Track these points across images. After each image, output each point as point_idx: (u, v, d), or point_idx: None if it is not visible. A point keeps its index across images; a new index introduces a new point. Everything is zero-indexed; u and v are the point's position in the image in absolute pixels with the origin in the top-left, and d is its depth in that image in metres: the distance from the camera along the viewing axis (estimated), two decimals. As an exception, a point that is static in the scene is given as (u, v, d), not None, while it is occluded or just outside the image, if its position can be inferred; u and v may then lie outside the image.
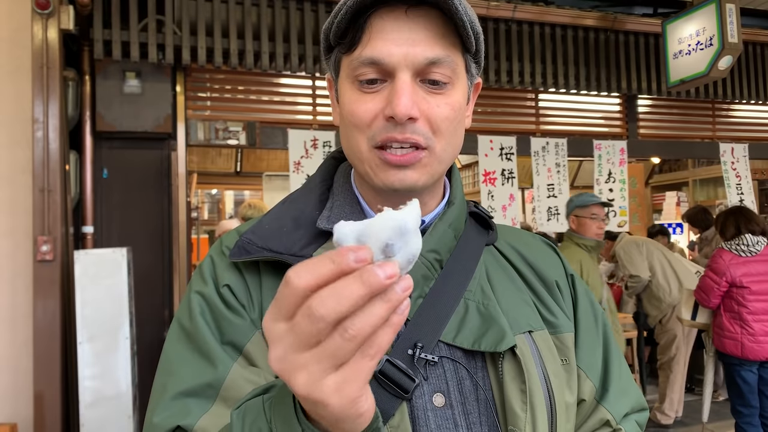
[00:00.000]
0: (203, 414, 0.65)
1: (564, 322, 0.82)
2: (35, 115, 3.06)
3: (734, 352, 3.37)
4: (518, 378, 0.71)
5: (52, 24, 3.10)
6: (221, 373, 0.67)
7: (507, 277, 0.82)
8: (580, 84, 4.54)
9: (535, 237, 0.93)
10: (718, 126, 5.38)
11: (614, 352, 0.86)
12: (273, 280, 0.73)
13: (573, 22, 4.45)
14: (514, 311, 0.77)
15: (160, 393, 0.69)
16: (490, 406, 0.70)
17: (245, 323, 0.71)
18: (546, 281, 0.84)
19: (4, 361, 3.14)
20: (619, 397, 0.83)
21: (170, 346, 0.73)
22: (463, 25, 0.68)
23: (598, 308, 0.89)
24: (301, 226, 0.76)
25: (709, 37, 3.88)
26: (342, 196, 0.80)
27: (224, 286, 0.73)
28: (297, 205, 0.80)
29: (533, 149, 4.53)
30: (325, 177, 0.84)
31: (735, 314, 3.39)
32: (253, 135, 3.91)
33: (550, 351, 0.77)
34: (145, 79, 3.61)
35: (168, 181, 3.73)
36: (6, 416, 3.10)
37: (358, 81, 0.70)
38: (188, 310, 0.73)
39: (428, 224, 0.77)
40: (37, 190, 3.04)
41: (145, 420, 0.70)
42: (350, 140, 0.73)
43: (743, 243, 3.39)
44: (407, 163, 0.70)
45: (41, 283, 3.03)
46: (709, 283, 3.47)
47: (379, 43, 0.68)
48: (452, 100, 0.72)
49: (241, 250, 0.74)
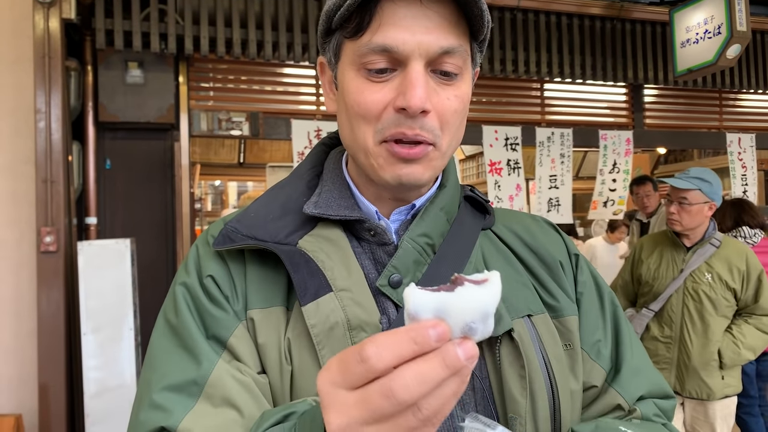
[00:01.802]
0: (187, 413, 0.64)
1: (566, 305, 0.78)
2: (37, 105, 3.04)
3: None
4: (516, 363, 0.69)
5: (54, 13, 3.07)
6: (205, 370, 0.66)
7: (505, 261, 0.79)
8: (585, 73, 4.50)
9: (535, 218, 0.89)
10: (725, 116, 5.34)
11: (625, 332, 0.82)
12: (258, 268, 0.71)
13: (579, 10, 4.41)
14: (512, 295, 0.74)
15: (145, 389, 0.67)
16: (487, 396, 0.69)
17: (228, 316, 0.69)
18: (547, 262, 0.81)
19: (9, 353, 3.15)
20: (631, 378, 0.78)
21: (156, 341, 0.71)
22: (480, 15, 0.66)
23: (606, 288, 0.85)
24: (288, 213, 0.75)
25: (718, 25, 3.83)
26: (331, 182, 0.77)
27: (207, 276, 0.71)
28: (285, 191, 0.78)
29: (538, 139, 4.49)
30: (315, 163, 0.82)
31: None
32: (257, 125, 3.89)
33: (551, 335, 0.75)
34: (148, 69, 3.59)
35: (171, 172, 3.72)
36: (11, 407, 3.10)
37: (366, 69, 0.67)
38: (173, 303, 0.71)
39: (419, 208, 0.76)
40: (40, 181, 3.03)
41: (131, 415, 0.68)
42: (355, 131, 0.70)
43: (740, 235, 3.39)
44: (416, 157, 0.68)
45: (45, 275, 3.03)
46: None
47: (391, 29, 0.65)
48: (461, 92, 0.69)
49: (225, 239, 0.72)
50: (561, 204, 4.58)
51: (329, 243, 0.72)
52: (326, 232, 0.73)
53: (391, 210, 0.76)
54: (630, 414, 0.77)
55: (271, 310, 0.70)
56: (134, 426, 0.66)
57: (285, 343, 0.68)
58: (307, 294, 0.67)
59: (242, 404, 0.64)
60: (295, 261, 0.69)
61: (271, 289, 0.71)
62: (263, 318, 0.69)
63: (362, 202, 0.76)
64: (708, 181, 2.64)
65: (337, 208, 0.74)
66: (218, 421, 0.63)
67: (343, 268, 0.70)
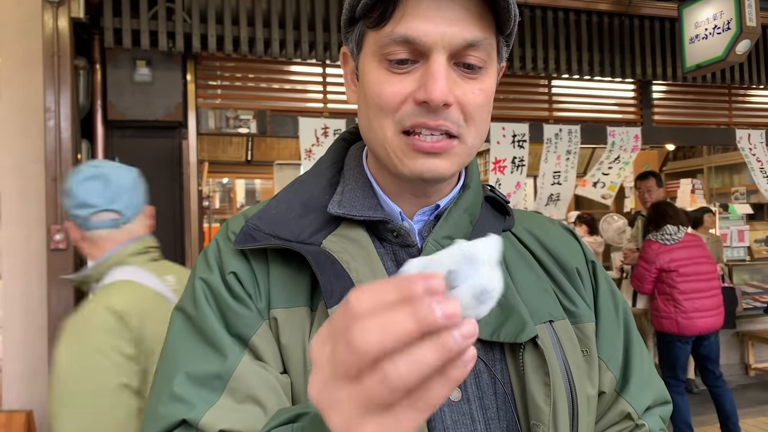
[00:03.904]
0: (209, 407, 0.62)
1: (585, 311, 0.78)
2: (47, 104, 3.06)
3: (671, 330, 3.78)
4: (541, 370, 0.67)
5: (63, 13, 3.09)
6: (230, 364, 0.64)
7: (526, 264, 0.78)
8: (593, 70, 4.48)
9: (554, 222, 0.88)
10: (734, 112, 5.30)
11: (636, 342, 0.83)
12: (281, 267, 0.70)
13: (587, 6, 4.39)
14: (534, 300, 0.73)
15: (164, 382, 0.66)
16: (509, 401, 0.68)
17: (251, 314, 0.68)
18: (566, 269, 0.80)
19: (19, 349, 3.17)
20: (641, 389, 0.80)
21: (174, 335, 0.69)
22: (507, 7, 0.64)
23: (620, 297, 0.85)
24: (310, 211, 0.73)
25: (727, 20, 3.80)
26: (353, 180, 0.76)
27: (230, 273, 0.69)
28: (306, 188, 0.76)
29: (546, 136, 4.48)
30: (335, 159, 0.80)
31: (668, 296, 3.81)
32: (264, 123, 3.90)
33: (570, 341, 0.74)
34: (156, 68, 3.61)
35: (179, 170, 3.73)
36: (21, 403, 3.13)
37: (387, 60, 0.65)
38: (192, 298, 0.70)
39: (443, 209, 0.74)
40: (49, 179, 3.05)
41: (148, 409, 0.67)
42: (373, 123, 0.68)
43: (666, 233, 3.83)
44: (440, 150, 0.66)
45: (55, 272, 3.05)
46: (642, 272, 3.89)
47: (415, 20, 0.63)
48: (485, 86, 0.67)
49: (247, 237, 0.70)
50: (560, 200, 4.57)
51: (353, 244, 0.71)
52: (350, 233, 0.71)
53: (415, 210, 0.74)
54: (638, 429, 0.78)
55: (295, 310, 0.68)
56: (153, 419, 0.64)
57: (309, 344, 0.68)
58: (333, 296, 0.65)
59: (266, 401, 0.63)
60: (320, 262, 0.67)
61: (295, 288, 0.69)
62: (287, 318, 0.68)
63: (385, 202, 0.74)
64: None
65: (361, 209, 0.72)
66: (242, 417, 0.62)
67: (368, 270, 0.69)
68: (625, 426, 0.79)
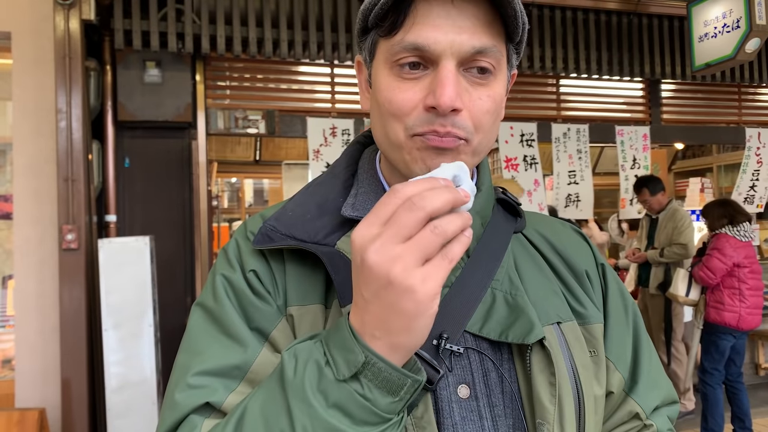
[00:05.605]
0: (230, 393, 0.65)
1: (593, 312, 0.80)
2: (58, 105, 3.10)
3: (731, 323, 3.89)
4: (547, 370, 0.69)
5: (74, 14, 3.12)
6: (250, 356, 0.67)
7: (535, 266, 0.80)
8: (602, 69, 4.47)
9: (564, 225, 0.90)
10: (744, 110, 5.27)
11: (645, 343, 0.84)
12: (296, 266, 0.72)
13: (595, 5, 4.38)
14: (543, 302, 0.75)
15: (183, 372, 0.67)
16: (516, 399, 0.69)
17: (271, 310, 0.70)
18: (575, 271, 0.82)
19: (32, 348, 3.21)
20: (649, 389, 0.81)
21: (194, 327, 0.71)
22: (515, 15, 0.65)
23: (629, 298, 0.86)
24: (325, 213, 0.75)
25: (736, 19, 3.78)
26: (367, 183, 0.78)
27: (251, 271, 0.72)
28: (321, 190, 0.78)
29: (554, 135, 4.47)
30: (350, 162, 0.82)
31: (736, 290, 3.91)
32: (273, 123, 3.92)
33: (578, 342, 0.75)
34: (165, 69, 3.64)
35: (189, 170, 3.76)
36: (35, 401, 3.17)
37: (398, 66, 0.67)
38: (213, 292, 0.72)
39: None
40: (61, 179, 3.08)
41: (166, 397, 0.68)
42: (386, 128, 0.70)
43: (743, 229, 3.94)
44: (447, 146, 0.67)
45: (67, 271, 3.09)
46: (719, 264, 3.93)
47: (424, 28, 0.65)
48: (494, 92, 0.69)
49: (265, 237, 0.72)
50: (581, 200, 4.56)
51: None
52: None
53: None
54: (646, 428, 0.80)
55: (310, 307, 0.71)
56: (171, 406, 0.66)
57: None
58: (347, 296, 0.67)
59: None
60: (335, 262, 0.69)
61: (309, 287, 0.72)
62: (302, 315, 0.70)
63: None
64: None
65: None
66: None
67: None
68: (633, 426, 0.80)
